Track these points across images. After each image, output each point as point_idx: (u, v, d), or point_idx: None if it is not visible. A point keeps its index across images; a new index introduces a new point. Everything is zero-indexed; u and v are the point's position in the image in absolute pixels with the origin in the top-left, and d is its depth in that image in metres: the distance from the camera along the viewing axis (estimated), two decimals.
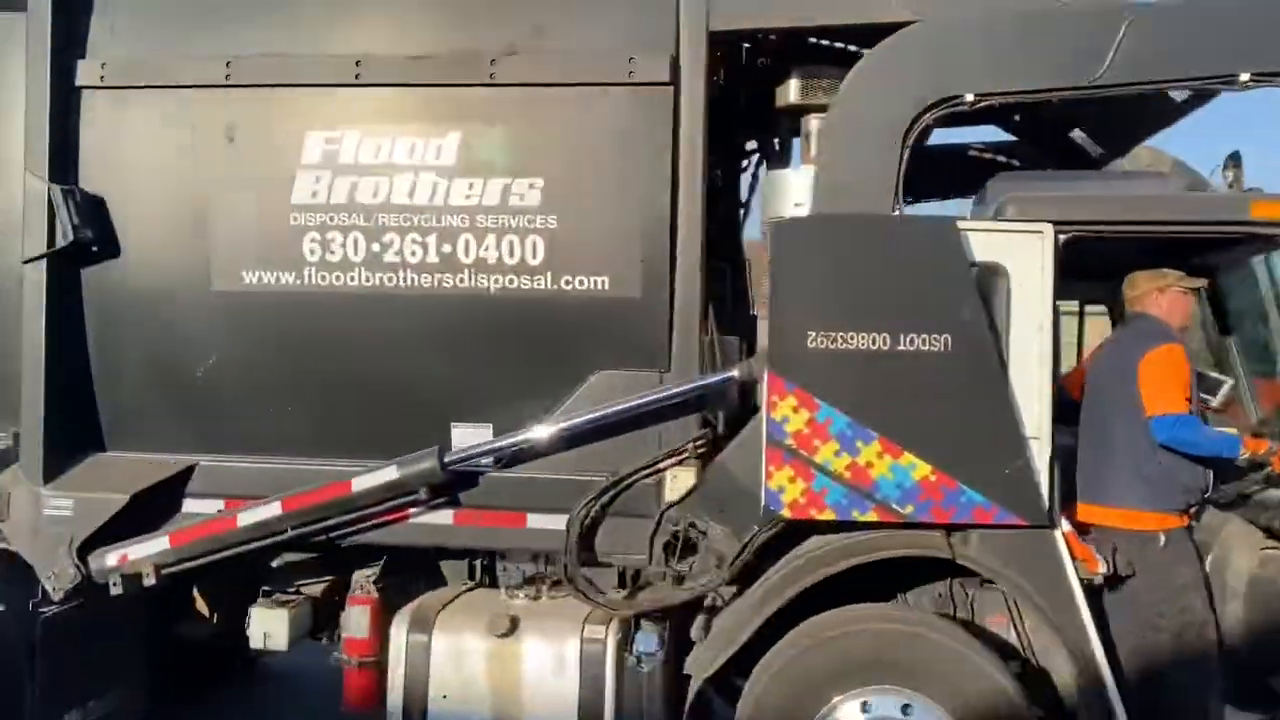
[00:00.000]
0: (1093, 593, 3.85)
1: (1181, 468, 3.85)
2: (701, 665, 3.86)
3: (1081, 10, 3.78)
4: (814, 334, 3.65)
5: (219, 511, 4.30)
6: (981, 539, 3.78)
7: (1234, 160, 4.21)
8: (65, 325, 4.32)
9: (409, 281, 4.18)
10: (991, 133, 5.52)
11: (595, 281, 4.09)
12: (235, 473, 4.34)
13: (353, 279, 4.21)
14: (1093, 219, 3.72)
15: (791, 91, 4.32)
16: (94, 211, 4.29)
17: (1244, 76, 3.65)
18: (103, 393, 4.40)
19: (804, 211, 4.12)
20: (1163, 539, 3.86)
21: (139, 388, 4.39)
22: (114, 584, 4.27)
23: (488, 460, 4.16)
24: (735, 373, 3.96)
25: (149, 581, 4.27)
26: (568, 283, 4.10)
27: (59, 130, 4.29)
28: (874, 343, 3.64)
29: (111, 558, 4.26)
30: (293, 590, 4.69)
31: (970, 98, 3.76)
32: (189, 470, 4.35)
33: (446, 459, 4.08)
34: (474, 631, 4.11)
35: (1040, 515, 3.69)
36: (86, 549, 4.28)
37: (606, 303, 4.09)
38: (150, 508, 4.35)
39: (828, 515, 3.70)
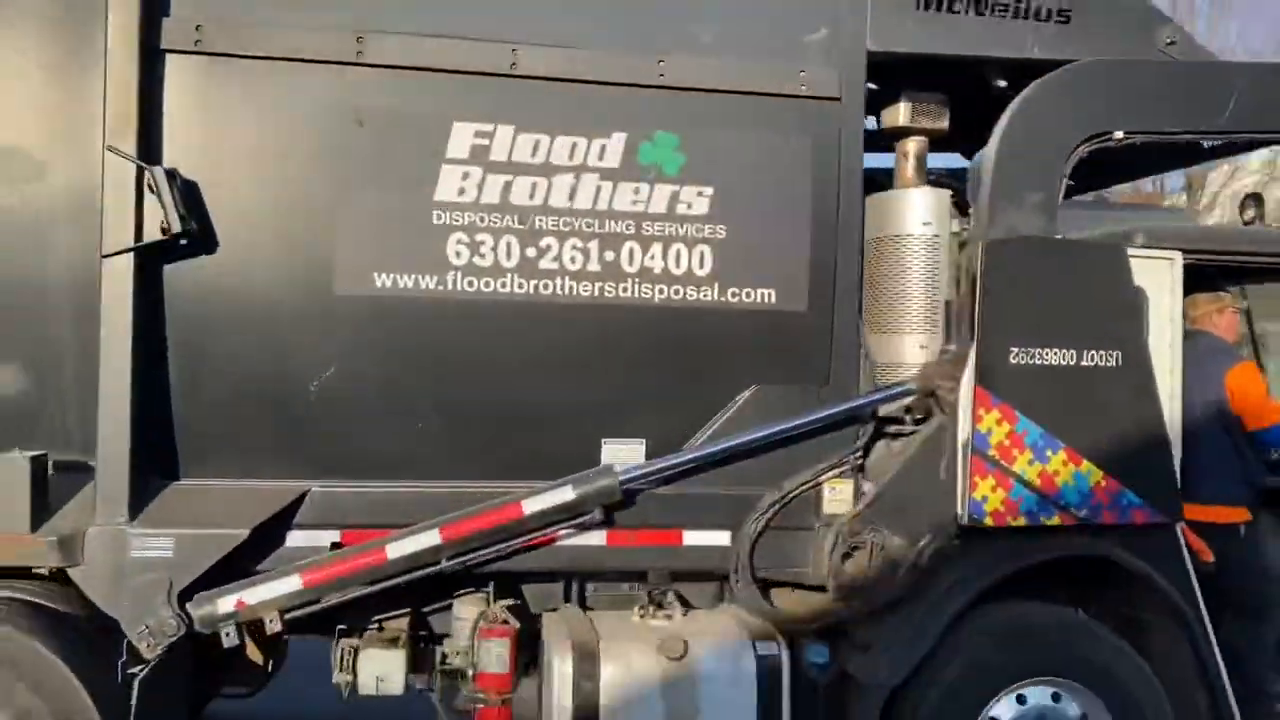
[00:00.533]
0: None
1: (1257, 467, 4.44)
2: (891, 670, 3.94)
3: (1207, 64, 4.26)
4: (1015, 350, 3.86)
5: (331, 546, 3.81)
6: (1118, 537, 4.14)
7: (1254, 200, 4.89)
8: (147, 332, 3.65)
9: (567, 289, 3.92)
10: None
11: (762, 294, 4.05)
12: (354, 499, 3.86)
13: (504, 285, 3.88)
14: (1216, 249, 4.21)
15: (901, 114, 4.48)
16: (190, 198, 3.65)
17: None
18: (183, 411, 3.76)
19: (932, 230, 4.32)
20: (1243, 529, 4.43)
21: (232, 404, 3.78)
22: (226, 634, 3.66)
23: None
24: (913, 385, 4.07)
25: (272, 629, 3.70)
26: (734, 295, 4.03)
27: (145, 101, 3.62)
28: (1063, 358, 3.90)
29: (225, 603, 3.64)
30: (374, 626, 4.22)
31: (1119, 135, 4.12)
32: (300, 499, 3.82)
33: (623, 476, 3.87)
34: (645, 657, 3.92)
35: (1178, 513, 4.12)
36: (185, 596, 3.64)
37: (772, 315, 4.07)
38: (244, 544, 3.76)
39: (1020, 522, 3.92)
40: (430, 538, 3.76)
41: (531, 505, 3.81)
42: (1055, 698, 4.09)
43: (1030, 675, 4.05)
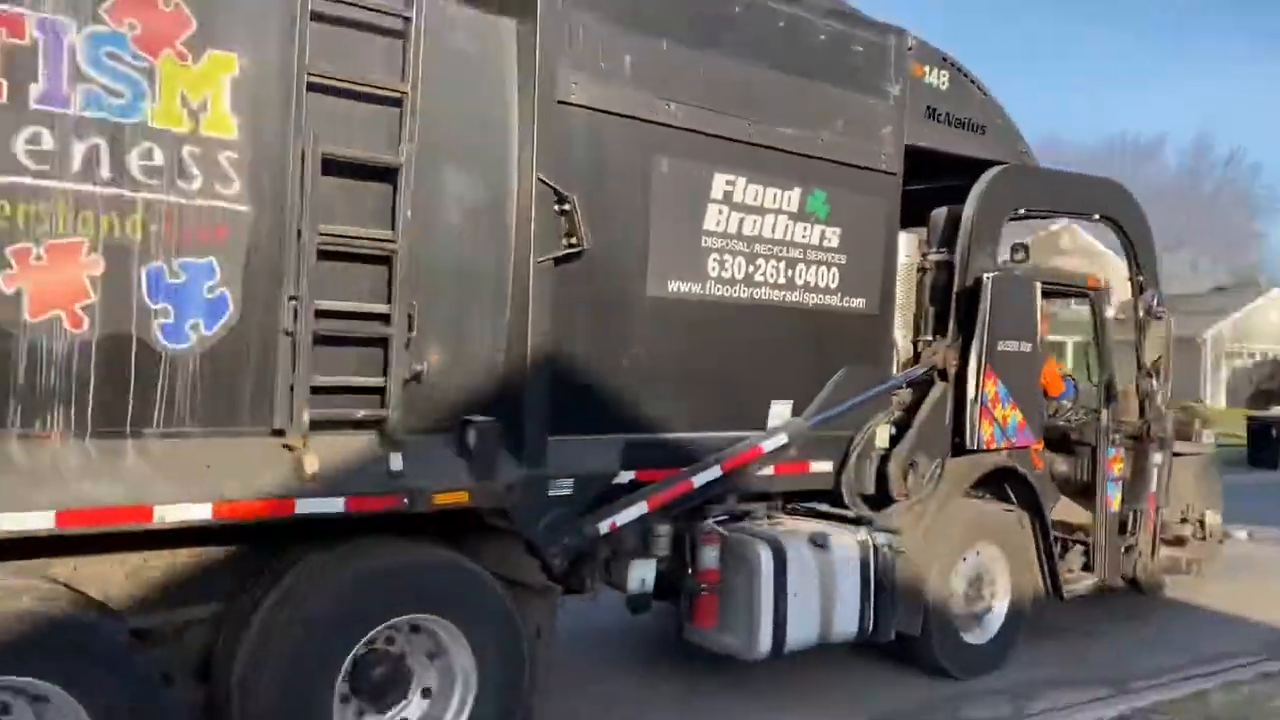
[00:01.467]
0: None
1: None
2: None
3: (1057, 171, 7.05)
4: (1002, 342, 6.30)
5: (629, 482, 5.11)
6: (1009, 455, 6.80)
7: (1022, 248, 7.87)
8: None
9: (766, 296, 5.59)
10: None
11: (859, 302, 6.04)
12: (645, 446, 5.17)
13: (735, 292, 5.46)
14: (1051, 281, 7.04)
15: None
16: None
17: (1095, 216, 7.31)
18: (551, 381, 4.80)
19: (910, 261, 6.62)
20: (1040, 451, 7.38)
21: (578, 376, 4.91)
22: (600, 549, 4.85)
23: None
24: (934, 364, 6.32)
25: (625, 544, 4.93)
26: (846, 301, 5.98)
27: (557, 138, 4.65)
28: (1015, 347, 6.42)
29: (603, 526, 4.83)
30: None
31: (1022, 211, 6.76)
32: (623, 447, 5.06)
33: (809, 425, 5.66)
34: (805, 547, 5.74)
35: (1040, 440, 6.90)
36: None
37: (860, 317, 6.07)
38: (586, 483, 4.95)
39: (994, 445, 6.39)
40: (716, 471, 5.25)
41: (767, 446, 5.47)
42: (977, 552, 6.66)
43: (979, 539, 6.58)
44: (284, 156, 3.95)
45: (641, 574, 5.34)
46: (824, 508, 6.23)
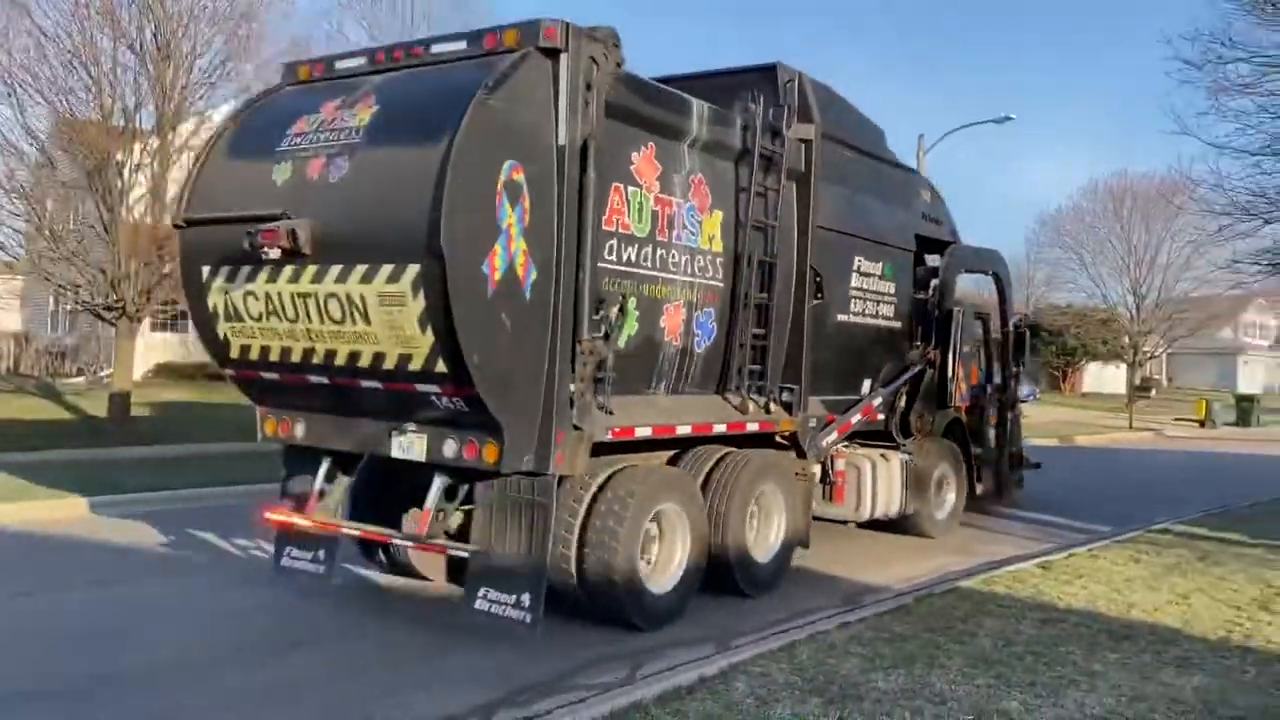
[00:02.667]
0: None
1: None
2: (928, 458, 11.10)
3: (979, 248, 12.17)
4: (965, 346, 11.31)
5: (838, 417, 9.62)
6: (955, 411, 11.83)
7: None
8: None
9: (867, 321, 10.26)
10: None
11: (898, 324, 10.83)
12: (830, 402, 9.67)
13: (860, 317, 10.08)
14: (974, 310, 12.19)
15: None
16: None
17: (988, 272, 12.54)
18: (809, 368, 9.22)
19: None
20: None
21: (814, 365, 9.31)
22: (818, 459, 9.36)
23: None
24: (929, 357, 11.19)
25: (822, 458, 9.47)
26: (893, 323, 10.75)
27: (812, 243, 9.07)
28: (968, 349, 11.47)
29: (826, 440, 9.31)
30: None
31: (963, 271, 11.83)
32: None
33: (885, 392, 10.38)
34: (881, 460, 10.45)
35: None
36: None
37: (897, 332, 10.87)
38: (819, 421, 9.41)
39: (962, 405, 11.41)
40: (859, 416, 9.87)
41: (874, 402, 10.14)
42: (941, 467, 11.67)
43: (944, 460, 11.59)
44: (739, 258, 8.16)
45: (818, 470, 9.87)
46: (867, 443, 10.98)
